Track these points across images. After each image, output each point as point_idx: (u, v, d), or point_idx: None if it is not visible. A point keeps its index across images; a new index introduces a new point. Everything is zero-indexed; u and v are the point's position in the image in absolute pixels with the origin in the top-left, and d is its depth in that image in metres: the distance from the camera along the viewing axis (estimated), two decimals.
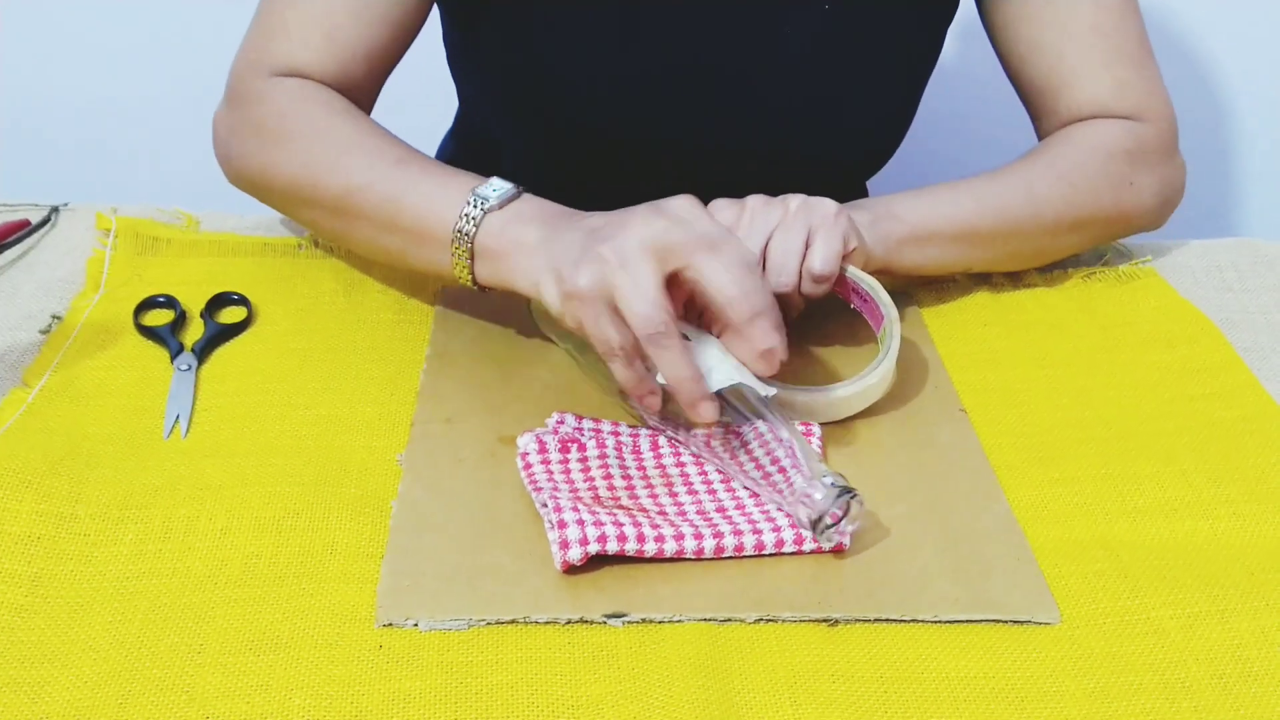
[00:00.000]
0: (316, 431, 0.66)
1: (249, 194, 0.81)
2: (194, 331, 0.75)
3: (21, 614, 0.54)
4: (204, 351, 0.73)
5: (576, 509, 0.57)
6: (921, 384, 0.72)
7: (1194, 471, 0.65)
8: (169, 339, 0.73)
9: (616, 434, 0.65)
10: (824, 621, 0.55)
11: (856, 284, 0.72)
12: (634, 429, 0.66)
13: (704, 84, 0.84)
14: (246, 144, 0.78)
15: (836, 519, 0.57)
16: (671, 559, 0.57)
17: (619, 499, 0.60)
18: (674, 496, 0.61)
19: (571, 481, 0.60)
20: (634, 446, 0.64)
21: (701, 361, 0.61)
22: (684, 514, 0.59)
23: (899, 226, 0.75)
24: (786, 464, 0.58)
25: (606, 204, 0.66)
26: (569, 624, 0.54)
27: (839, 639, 0.54)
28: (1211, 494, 0.63)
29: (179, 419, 0.67)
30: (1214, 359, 0.74)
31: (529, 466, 0.61)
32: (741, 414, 0.61)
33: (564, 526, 0.56)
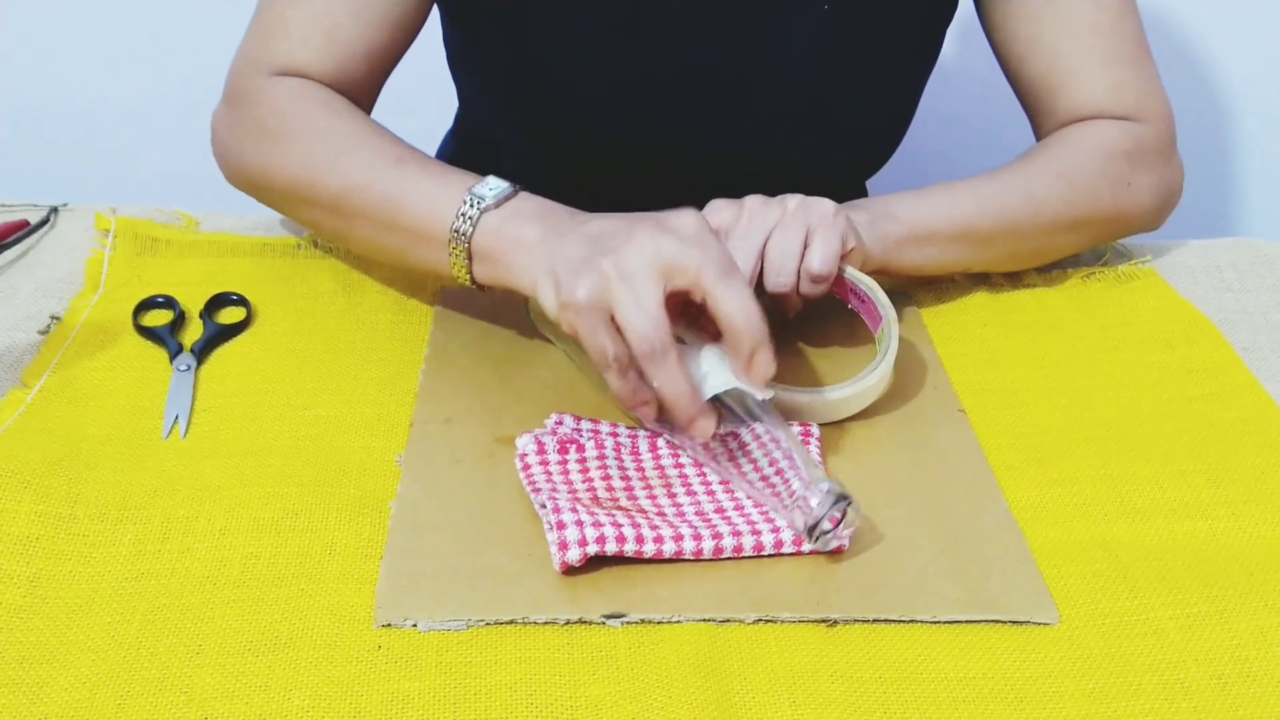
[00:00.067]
0: (315, 432, 0.66)
1: (248, 194, 0.81)
2: (193, 332, 0.75)
3: (20, 614, 0.54)
4: (203, 352, 0.73)
5: (575, 510, 0.57)
6: (920, 384, 0.72)
7: (1193, 472, 0.65)
8: (168, 339, 0.73)
9: (615, 435, 0.65)
10: (823, 622, 0.55)
11: (854, 284, 0.72)
12: (633, 430, 0.66)
13: (704, 85, 0.84)
14: (245, 143, 0.78)
15: (834, 524, 0.57)
16: (670, 560, 0.57)
17: (618, 500, 0.60)
18: (673, 498, 0.61)
19: (570, 482, 0.60)
20: (633, 448, 0.64)
21: (697, 367, 0.61)
22: (683, 515, 0.59)
23: (897, 226, 0.75)
24: (784, 466, 0.58)
25: (606, 205, 0.66)
26: (568, 624, 0.54)
27: (838, 639, 0.54)
28: (1210, 494, 0.63)
29: (178, 419, 0.67)
30: (1213, 359, 0.74)
31: (528, 467, 0.61)
32: (739, 417, 0.61)
33: (563, 527, 0.56)
